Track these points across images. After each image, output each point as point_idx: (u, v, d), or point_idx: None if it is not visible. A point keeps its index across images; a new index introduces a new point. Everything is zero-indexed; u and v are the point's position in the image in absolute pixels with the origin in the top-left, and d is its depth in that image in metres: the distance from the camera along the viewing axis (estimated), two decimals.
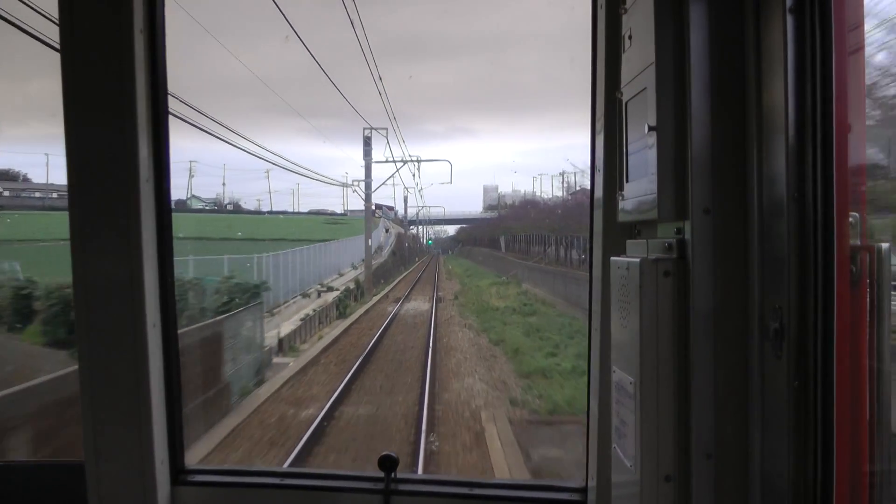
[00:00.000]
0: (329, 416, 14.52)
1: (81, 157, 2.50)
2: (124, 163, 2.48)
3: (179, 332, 2.81)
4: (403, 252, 74.65)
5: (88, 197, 2.51)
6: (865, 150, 1.62)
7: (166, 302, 2.63)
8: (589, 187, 2.51)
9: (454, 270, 65.61)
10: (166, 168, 2.61)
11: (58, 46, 2.51)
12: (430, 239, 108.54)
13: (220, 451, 12.28)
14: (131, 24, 2.45)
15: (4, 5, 7.07)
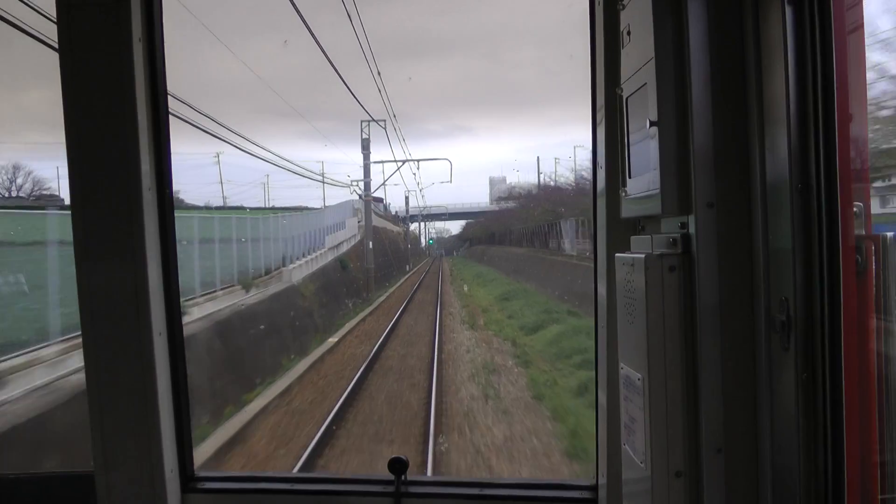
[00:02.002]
0: None
1: (83, 168, 2.51)
2: (126, 172, 2.48)
3: None
4: (368, 265, 39.28)
5: (91, 207, 2.51)
6: (868, 139, 1.61)
7: (172, 310, 2.63)
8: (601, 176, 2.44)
9: (481, 300, 30.51)
10: (168, 176, 2.62)
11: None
12: (430, 239, 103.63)
13: None
14: (129, 33, 2.45)
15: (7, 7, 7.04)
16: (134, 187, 2.49)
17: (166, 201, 2.61)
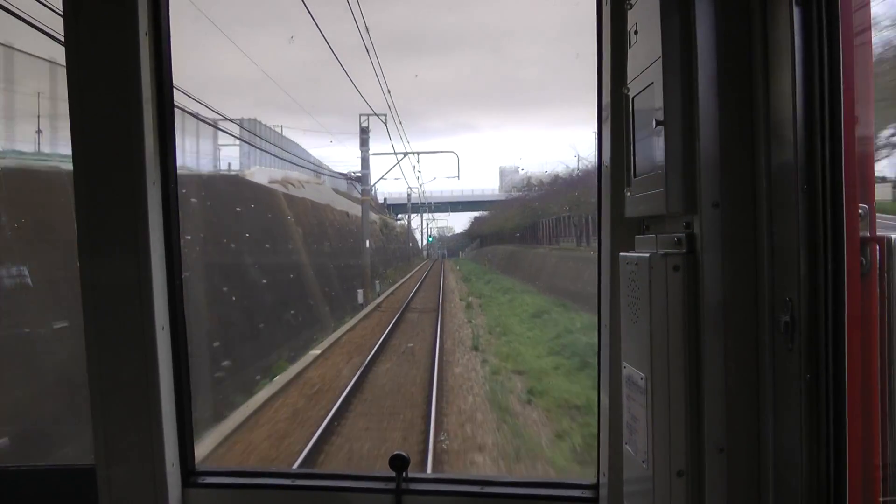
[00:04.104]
0: None
1: (88, 161, 2.51)
2: (131, 166, 2.49)
3: None
4: None
5: (95, 200, 2.52)
6: (874, 141, 1.61)
7: (175, 304, 2.64)
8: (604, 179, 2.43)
9: None
10: (173, 171, 2.62)
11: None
12: (430, 236, 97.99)
13: None
14: (136, 26, 2.45)
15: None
16: (138, 181, 2.49)
17: (170, 196, 2.61)
